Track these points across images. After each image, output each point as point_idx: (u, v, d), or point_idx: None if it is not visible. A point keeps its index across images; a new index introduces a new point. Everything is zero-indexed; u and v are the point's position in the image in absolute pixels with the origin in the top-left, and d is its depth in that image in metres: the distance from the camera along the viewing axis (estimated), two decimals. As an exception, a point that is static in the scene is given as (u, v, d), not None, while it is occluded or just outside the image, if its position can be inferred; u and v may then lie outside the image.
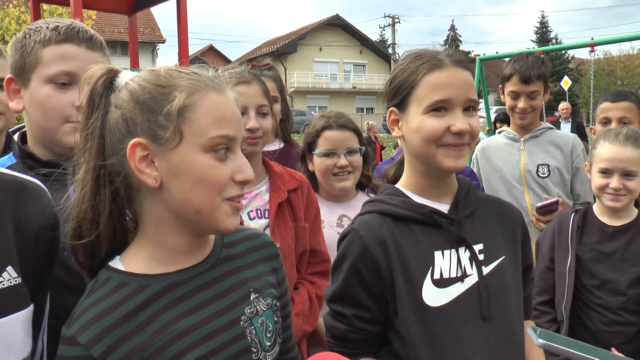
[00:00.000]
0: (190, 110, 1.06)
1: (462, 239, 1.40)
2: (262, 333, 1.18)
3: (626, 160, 2.10)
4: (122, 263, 1.12)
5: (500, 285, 1.40)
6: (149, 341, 1.04)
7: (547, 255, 2.31)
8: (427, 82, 1.37)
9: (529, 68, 2.71)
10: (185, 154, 1.06)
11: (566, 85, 14.64)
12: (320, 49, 41.93)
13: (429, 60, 1.39)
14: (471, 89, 1.38)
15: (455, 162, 1.37)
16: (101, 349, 1.02)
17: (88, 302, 1.07)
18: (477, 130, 1.38)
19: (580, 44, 7.54)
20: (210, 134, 1.06)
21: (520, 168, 2.84)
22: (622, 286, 2.09)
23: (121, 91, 1.09)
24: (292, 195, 2.02)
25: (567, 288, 2.17)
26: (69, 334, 1.04)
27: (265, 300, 1.21)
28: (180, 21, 6.90)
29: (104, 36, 10.33)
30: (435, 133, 1.36)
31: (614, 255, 2.14)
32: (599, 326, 2.10)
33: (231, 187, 1.09)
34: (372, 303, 1.41)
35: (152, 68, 1.14)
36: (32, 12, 7.09)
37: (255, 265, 1.24)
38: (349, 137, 2.32)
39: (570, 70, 39.75)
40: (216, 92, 1.10)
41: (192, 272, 1.13)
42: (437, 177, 1.44)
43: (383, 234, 1.39)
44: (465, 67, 1.40)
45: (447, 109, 1.36)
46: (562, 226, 2.30)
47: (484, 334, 1.35)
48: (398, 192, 1.48)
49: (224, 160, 1.08)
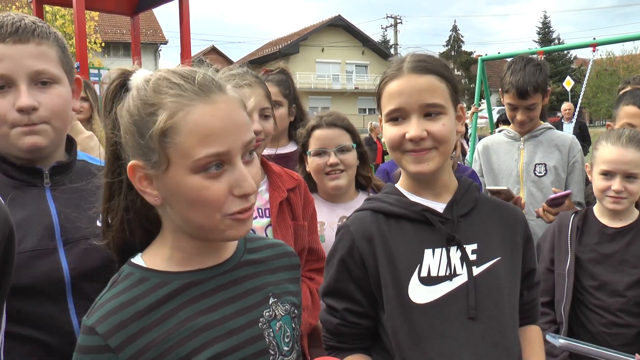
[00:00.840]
0: (173, 132, 1.01)
1: (453, 237, 1.41)
2: (280, 337, 1.18)
3: (628, 163, 2.09)
4: (143, 259, 1.14)
5: (492, 286, 1.40)
6: (167, 335, 1.06)
7: (547, 256, 2.30)
8: (385, 92, 1.44)
9: (525, 83, 2.67)
10: (175, 177, 1.03)
11: (568, 85, 14.63)
12: (322, 49, 41.93)
13: (391, 69, 1.43)
14: (428, 92, 1.38)
15: (418, 166, 1.40)
16: (118, 340, 1.03)
17: (109, 294, 1.08)
18: (439, 134, 1.38)
19: (582, 44, 7.54)
20: (196, 155, 1.01)
21: (518, 166, 2.89)
22: (621, 288, 2.08)
23: (126, 101, 1.09)
24: (291, 194, 2.04)
25: (567, 289, 2.17)
26: (89, 323, 1.04)
27: (284, 305, 1.22)
28: (182, 22, 6.93)
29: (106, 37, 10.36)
30: (394, 141, 1.42)
31: (613, 257, 2.14)
32: (598, 328, 2.09)
33: (231, 202, 1.05)
34: (362, 297, 1.43)
35: (148, 77, 1.09)
36: (35, 13, 7.11)
37: (276, 272, 1.26)
38: (338, 135, 2.31)
39: (573, 71, 39.64)
40: (203, 103, 1.03)
41: (212, 273, 1.15)
42: (420, 179, 1.47)
43: (372, 230, 1.42)
44: (425, 71, 1.39)
45: (403, 117, 1.40)
46: (562, 227, 2.29)
47: (470, 333, 1.35)
48: (395, 190, 1.51)
49: (219, 176, 1.03)
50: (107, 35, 27.01)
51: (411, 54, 1.45)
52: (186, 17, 6.93)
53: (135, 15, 7.59)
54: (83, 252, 1.41)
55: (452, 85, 1.42)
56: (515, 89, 2.70)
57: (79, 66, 6.09)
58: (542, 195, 2.79)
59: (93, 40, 17.75)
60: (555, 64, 40.38)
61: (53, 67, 1.40)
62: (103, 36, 21.90)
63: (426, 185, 1.47)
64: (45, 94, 1.39)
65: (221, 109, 1.04)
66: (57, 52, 1.42)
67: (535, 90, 2.70)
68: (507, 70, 2.80)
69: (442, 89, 1.40)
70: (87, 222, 1.44)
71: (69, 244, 1.40)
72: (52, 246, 1.37)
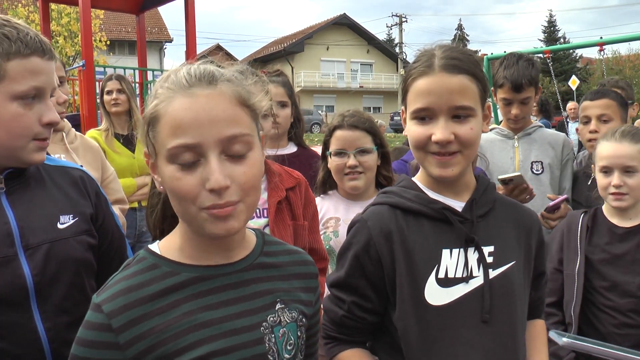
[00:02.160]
0: (156, 122, 1.07)
1: (472, 239, 1.37)
2: (282, 344, 1.16)
3: (624, 156, 2.10)
4: (158, 247, 1.17)
5: (506, 290, 1.38)
6: (167, 325, 1.06)
7: (556, 256, 2.29)
8: (414, 88, 1.37)
9: (519, 76, 2.70)
10: (160, 165, 1.08)
11: (574, 84, 14.56)
12: (327, 48, 41.91)
13: (421, 64, 1.37)
14: (459, 94, 1.32)
15: (442, 171, 1.36)
16: (121, 322, 1.04)
17: (120, 275, 1.11)
18: (465, 138, 1.33)
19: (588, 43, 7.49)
20: (167, 144, 1.04)
21: (515, 164, 2.87)
22: (633, 288, 2.07)
23: None
24: (290, 193, 2.01)
25: (577, 290, 2.16)
26: (97, 301, 1.07)
27: (291, 313, 1.20)
28: (188, 20, 6.93)
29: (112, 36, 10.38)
30: (419, 142, 1.37)
31: (624, 257, 2.12)
32: (609, 328, 2.08)
33: (205, 196, 1.03)
34: (372, 293, 1.41)
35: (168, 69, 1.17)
36: (41, 11, 7.13)
37: (289, 279, 1.24)
38: (359, 137, 2.30)
39: (579, 70, 39.51)
40: (182, 96, 1.04)
41: (222, 270, 1.14)
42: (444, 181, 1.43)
43: (390, 226, 1.38)
44: (458, 70, 1.33)
45: (430, 117, 1.35)
46: (571, 227, 2.28)
47: (482, 336, 1.33)
48: (413, 185, 1.46)
49: (192, 169, 1.03)
50: (112, 33, 27.06)
51: (441, 47, 1.39)
52: (191, 15, 6.93)
53: (140, 13, 7.60)
54: (45, 256, 1.38)
55: (482, 84, 1.37)
56: (510, 83, 2.71)
57: (85, 64, 6.10)
58: (541, 193, 2.78)
59: (98, 38, 17.81)
60: (560, 62, 40.23)
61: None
62: (108, 34, 21.95)
63: (447, 183, 1.42)
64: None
65: (199, 102, 1.04)
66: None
67: (530, 84, 2.72)
68: (500, 65, 2.83)
69: (472, 90, 1.34)
70: (48, 225, 1.42)
71: (30, 249, 1.37)
72: (12, 253, 1.34)
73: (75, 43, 16.35)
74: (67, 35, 16.93)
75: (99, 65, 7.49)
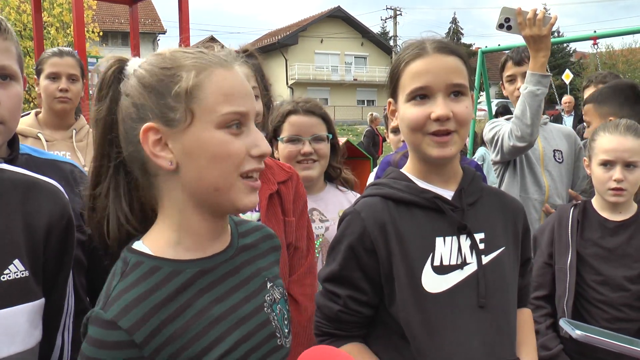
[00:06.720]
0: (198, 89, 1.06)
1: (464, 226, 1.40)
2: (282, 320, 1.20)
3: (628, 150, 2.08)
4: (146, 246, 1.10)
5: (498, 275, 1.41)
6: (187, 327, 1.04)
7: (546, 250, 2.29)
8: (408, 71, 1.40)
9: (519, 52, 2.97)
10: (198, 132, 1.06)
11: (567, 78, 14.60)
12: (321, 40, 41.75)
13: (413, 49, 1.41)
14: (454, 73, 1.38)
15: (441, 151, 1.38)
16: (143, 335, 0.99)
17: (122, 285, 1.03)
18: (462, 115, 1.37)
19: (582, 37, 7.48)
20: (221, 110, 1.06)
21: (539, 149, 2.91)
22: (625, 282, 2.08)
23: (130, 79, 1.11)
24: (282, 187, 1.93)
25: (569, 284, 2.15)
26: (108, 317, 0.99)
27: (278, 288, 1.23)
28: (181, 11, 6.88)
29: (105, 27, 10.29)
30: (417, 121, 1.38)
31: (616, 251, 2.13)
32: (601, 323, 2.08)
33: (248, 161, 1.09)
34: (367, 285, 1.41)
35: (157, 52, 1.14)
36: (33, 2, 7.05)
37: (266, 255, 1.26)
38: (315, 124, 2.24)
39: (572, 64, 39.56)
40: (223, 68, 1.10)
41: (220, 259, 1.15)
42: (435, 163, 1.45)
43: (384, 217, 1.40)
44: (450, 52, 1.39)
45: (428, 96, 1.37)
46: (561, 221, 2.28)
47: (479, 321, 1.36)
48: (403, 176, 1.49)
49: (238, 135, 1.09)
50: (105, 24, 26.86)
51: (429, 38, 1.43)
52: (185, 7, 6.88)
53: (134, 4, 7.53)
54: None
55: (469, 71, 1.43)
56: (511, 58, 3.01)
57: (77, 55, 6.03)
58: (562, 184, 2.88)
59: (91, 29, 17.65)
60: (554, 57, 40.24)
61: (14, 63, 1.33)
62: (101, 25, 21.80)
63: (436, 171, 1.45)
64: (6, 90, 1.32)
65: (238, 75, 1.12)
66: (17, 49, 1.36)
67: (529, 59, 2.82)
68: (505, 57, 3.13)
69: (464, 71, 1.40)
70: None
71: None
72: None
73: (67, 34, 16.19)
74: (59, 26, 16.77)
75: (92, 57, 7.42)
